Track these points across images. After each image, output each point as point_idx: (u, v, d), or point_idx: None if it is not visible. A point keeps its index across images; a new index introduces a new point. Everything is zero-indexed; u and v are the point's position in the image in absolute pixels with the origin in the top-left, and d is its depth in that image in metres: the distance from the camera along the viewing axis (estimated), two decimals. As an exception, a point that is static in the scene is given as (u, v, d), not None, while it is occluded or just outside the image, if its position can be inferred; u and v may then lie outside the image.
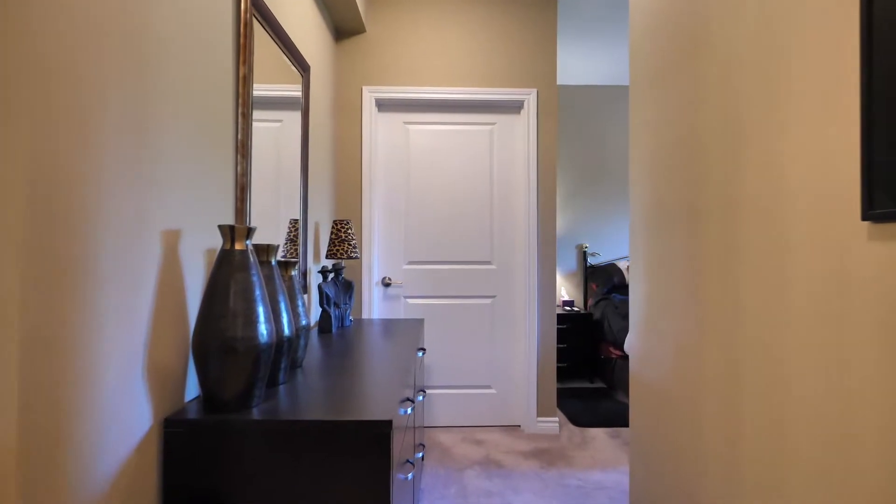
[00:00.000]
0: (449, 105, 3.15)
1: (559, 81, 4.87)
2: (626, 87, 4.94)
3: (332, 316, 2.22)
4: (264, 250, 1.37)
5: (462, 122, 3.16)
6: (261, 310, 1.18)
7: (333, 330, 2.22)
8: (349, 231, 2.52)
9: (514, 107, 3.16)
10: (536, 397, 3.11)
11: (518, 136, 3.17)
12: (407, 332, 2.26)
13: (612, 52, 4.16)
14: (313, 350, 1.82)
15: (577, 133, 4.94)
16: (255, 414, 1.12)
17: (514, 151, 3.17)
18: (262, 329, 1.17)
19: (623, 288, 4.45)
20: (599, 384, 4.29)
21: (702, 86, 1.60)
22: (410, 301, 3.14)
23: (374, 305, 3.06)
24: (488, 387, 3.17)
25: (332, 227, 2.52)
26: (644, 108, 2.03)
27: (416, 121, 3.15)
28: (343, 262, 2.96)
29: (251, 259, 1.19)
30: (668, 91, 1.82)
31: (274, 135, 1.96)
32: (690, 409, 1.60)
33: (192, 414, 1.12)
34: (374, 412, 1.13)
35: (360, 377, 1.43)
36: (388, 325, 2.45)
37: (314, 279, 2.48)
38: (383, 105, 3.14)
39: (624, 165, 4.95)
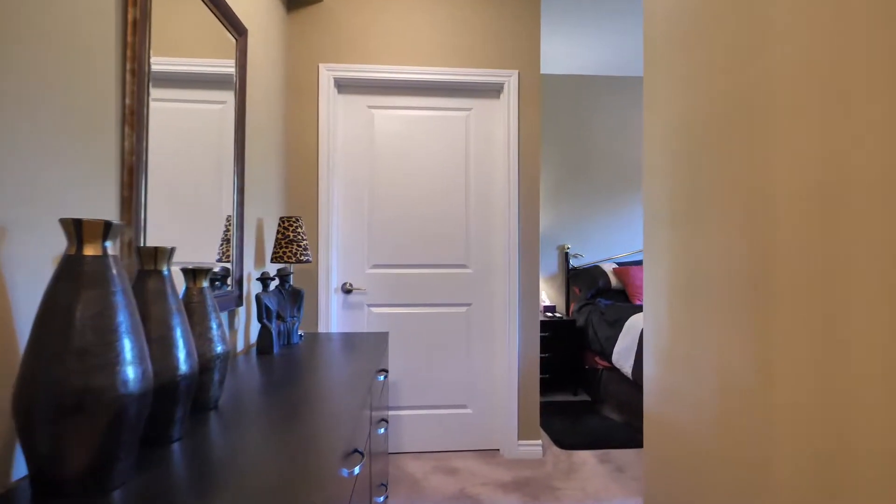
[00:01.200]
0: (419, 87, 2.78)
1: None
2: (611, 78, 4.65)
3: (275, 332, 1.83)
4: (150, 255, 0.98)
5: (434, 108, 2.80)
6: (126, 344, 0.79)
7: (276, 350, 1.83)
8: (299, 230, 2.13)
9: (493, 90, 2.81)
10: (518, 417, 2.77)
11: (497, 124, 2.82)
12: (367, 351, 1.88)
13: (597, 39, 3.85)
14: (242, 380, 1.43)
15: (559, 125, 4.63)
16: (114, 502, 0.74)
17: (492, 141, 2.82)
18: (128, 372, 0.78)
19: (609, 292, 4.14)
20: (583, 396, 3.97)
21: (768, 23, 1.26)
22: (375, 310, 2.75)
23: (332, 316, 2.67)
24: (464, 406, 2.81)
25: (279, 226, 2.13)
26: (669, 66, 1.69)
27: (382, 104, 2.77)
28: (292, 267, 2.56)
29: (112, 269, 0.80)
30: (714, 36, 1.48)
31: (215, 118, 1.58)
32: (754, 480, 1.23)
33: (3, 512, 0.73)
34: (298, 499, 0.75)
35: (292, 422, 1.05)
36: (346, 341, 2.07)
37: (256, 288, 2.08)
38: (344, 86, 2.75)
39: (609, 161, 4.66)
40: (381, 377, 1.80)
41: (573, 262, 4.60)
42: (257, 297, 1.80)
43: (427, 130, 2.78)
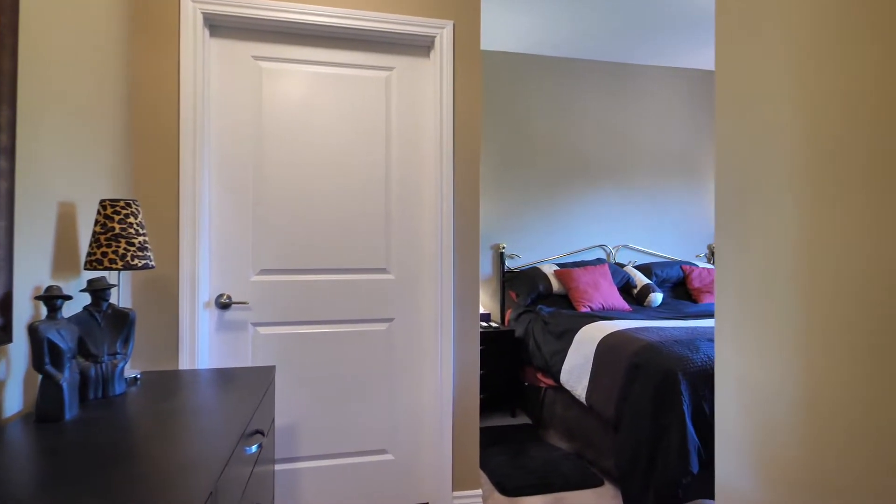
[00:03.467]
0: (324, 34, 2.11)
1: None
2: (556, 59, 4.20)
3: (66, 386, 1.11)
4: None
5: (345, 64, 2.14)
6: None
7: (69, 413, 1.11)
8: (132, 220, 1.41)
9: (421, 45, 2.21)
10: (452, 461, 2.18)
11: (427, 90, 2.22)
12: (236, 399, 1.21)
13: (540, 15, 3.36)
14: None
15: (494, 109, 4.11)
16: None
17: (421, 111, 2.21)
18: None
19: (550, 297, 3.67)
20: (523, 418, 3.47)
21: None
22: (264, 330, 2.05)
23: (200, 342, 1.94)
24: (383, 452, 2.18)
25: (98, 214, 1.39)
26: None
27: (274, 55, 2.08)
28: (122, 277, 1.81)
29: None
30: None
31: None
32: None
33: None
34: None
35: None
36: (210, 383, 1.38)
37: (40, 313, 1.33)
38: (219, 26, 2.02)
39: (551, 150, 4.20)
40: (252, 449, 1.14)
41: (509, 264, 4.10)
42: (32, 330, 1.07)
43: (336, 94, 2.12)
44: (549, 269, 3.79)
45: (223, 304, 1.99)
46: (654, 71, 4.43)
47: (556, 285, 3.68)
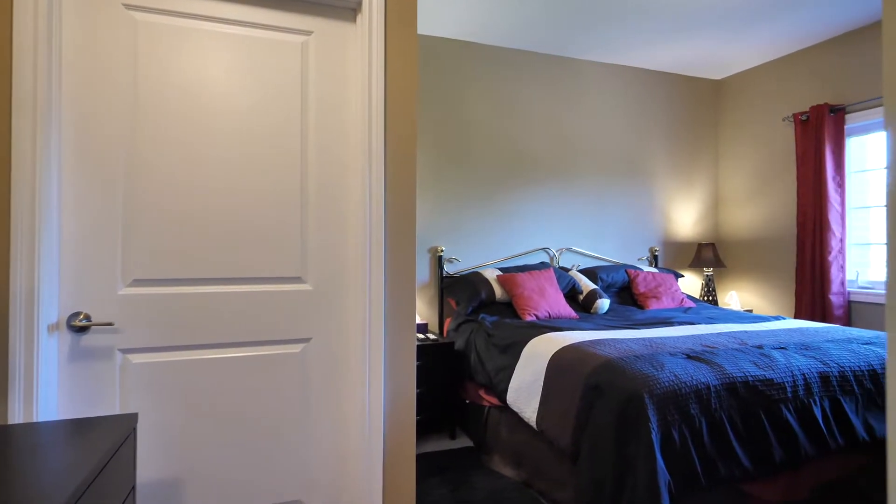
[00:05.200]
0: (221, -16, 1.67)
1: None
2: (498, 49, 3.91)
3: None
4: None
5: (250, 23, 1.72)
6: None
7: None
8: None
9: (346, 6, 1.82)
10: (383, 509, 1.81)
11: (353, 61, 1.83)
12: (59, 474, 0.78)
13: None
14: None
15: (430, 100, 3.77)
16: None
17: (346, 87, 1.82)
18: None
19: (493, 305, 3.37)
20: (464, 440, 3.14)
21: None
22: (137, 358, 1.59)
23: (41, 380, 1.44)
24: (298, 503, 1.76)
25: None
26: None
27: (152, 5, 1.61)
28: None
29: None
30: None
31: None
32: None
33: None
34: None
35: None
36: (24, 449, 0.94)
37: None
38: (74, -38, 1.54)
39: (493, 146, 3.91)
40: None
41: (448, 268, 3.77)
42: None
43: (238, 61, 1.69)
44: (491, 274, 3.49)
45: (78, 327, 1.51)
46: (598, 67, 4.27)
47: (499, 292, 3.38)
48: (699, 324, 2.95)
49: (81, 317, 1.51)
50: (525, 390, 2.39)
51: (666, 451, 1.76)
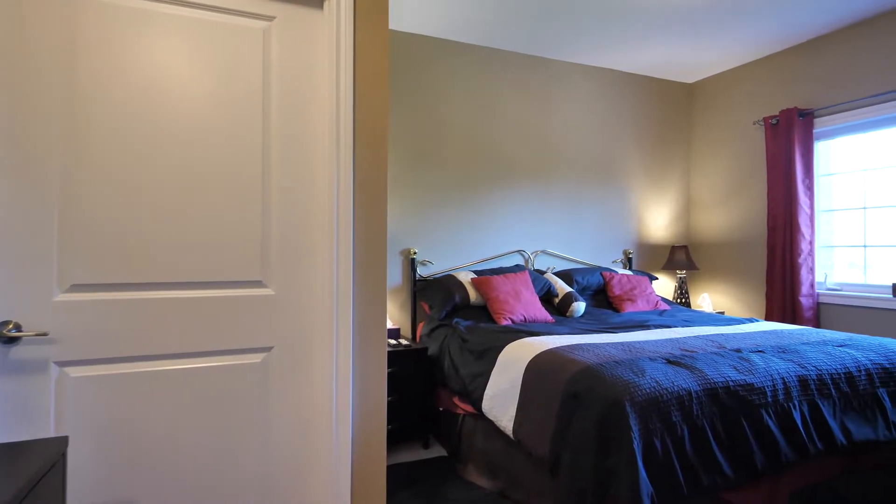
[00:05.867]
0: (173, -38, 1.54)
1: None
2: (472, 47, 3.83)
3: None
4: None
5: (206, 5, 1.58)
6: None
7: None
8: None
9: (312, -9, 1.70)
10: (352, 530, 1.69)
11: (320, 50, 1.71)
12: None
13: (454, -18, 2.97)
14: None
15: (403, 97, 3.66)
16: None
17: (311, 78, 1.70)
18: None
19: (468, 309, 3.28)
20: (437, 449, 3.04)
21: None
22: (77, 372, 1.43)
23: (-40, 395, 1.28)
24: (258, 526, 1.63)
25: None
26: None
27: (95, -18, 1.47)
28: None
29: None
30: None
31: None
32: None
33: None
34: None
35: None
36: None
37: None
38: (4, -70, 1.38)
39: (466, 145, 3.82)
40: None
41: (421, 271, 3.67)
42: None
43: (192, 49, 1.56)
44: (465, 277, 3.40)
45: (7, 338, 1.34)
46: (573, 68, 4.23)
47: (473, 295, 3.29)
48: (675, 327, 2.92)
49: (10, 326, 1.35)
50: (501, 398, 2.30)
51: (648, 461, 1.69)
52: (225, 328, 1.58)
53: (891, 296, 3.30)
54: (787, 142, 3.79)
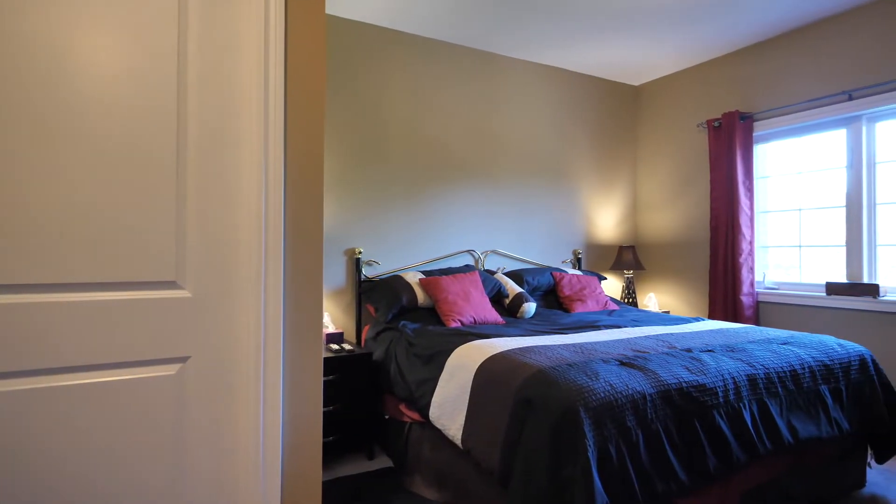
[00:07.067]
0: None
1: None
2: (417, 37, 3.69)
3: None
4: None
5: (106, -38, 1.36)
6: None
7: None
8: None
9: (237, -45, 1.51)
10: (282, 560, 1.50)
11: (246, 20, 1.53)
12: None
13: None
14: None
15: (344, 88, 3.48)
16: None
17: (236, 52, 1.51)
18: None
19: (416, 311, 3.14)
20: (383, 459, 2.87)
21: None
22: (-63, 392, 1.18)
23: None
24: (171, 562, 1.42)
25: None
26: None
27: (-36, -76, 1.23)
28: None
29: None
30: None
31: None
32: None
33: None
34: None
35: None
36: None
37: None
38: None
39: (412, 141, 3.68)
40: None
41: (366, 272, 3.49)
42: None
43: (96, 14, 1.34)
44: (413, 278, 3.25)
45: None
46: (522, 65, 4.18)
47: (421, 296, 3.15)
48: (625, 327, 2.89)
49: None
50: (450, 405, 2.17)
51: (603, 470, 1.60)
52: (131, 336, 1.37)
53: (824, 294, 3.42)
54: (728, 144, 3.87)
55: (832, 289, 3.33)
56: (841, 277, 3.42)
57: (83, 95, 1.32)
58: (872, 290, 3.15)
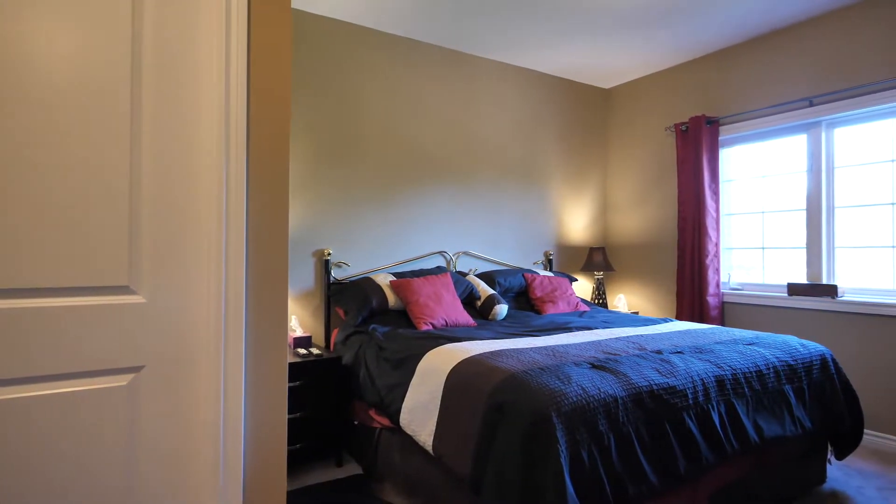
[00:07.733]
0: None
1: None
2: (392, 37, 3.63)
3: None
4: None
5: (52, -56, 1.27)
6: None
7: None
8: None
9: (196, -58, 1.43)
10: (244, 577, 1.43)
11: (204, 15, 1.45)
12: None
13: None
14: None
15: (315, 87, 3.39)
16: None
17: (194, 37, 1.43)
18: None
19: (386, 314, 3.08)
20: (352, 466, 2.80)
21: None
22: None
23: None
24: (123, 585, 1.33)
25: None
26: None
27: None
28: None
29: None
30: None
31: None
32: None
33: None
34: None
35: None
36: None
37: None
38: None
39: (384, 141, 3.62)
40: None
41: (336, 274, 3.42)
42: None
43: (46, 3, 1.24)
44: (383, 280, 3.20)
45: None
46: (495, 66, 4.16)
47: (392, 299, 3.10)
48: (596, 328, 2.90)
49: None
50: (420, 410, 2.13)
51: (575, 475, 1.59)
52: (79, 345, 1.28)
53: (786, 295, 3.51)
54: (695, 148, 3.94)
55: (793, 289, 3.42)
56: (802, 278, 3.52)
57: (23, 80, 1.22)
58: (831, 290, 3.24)
